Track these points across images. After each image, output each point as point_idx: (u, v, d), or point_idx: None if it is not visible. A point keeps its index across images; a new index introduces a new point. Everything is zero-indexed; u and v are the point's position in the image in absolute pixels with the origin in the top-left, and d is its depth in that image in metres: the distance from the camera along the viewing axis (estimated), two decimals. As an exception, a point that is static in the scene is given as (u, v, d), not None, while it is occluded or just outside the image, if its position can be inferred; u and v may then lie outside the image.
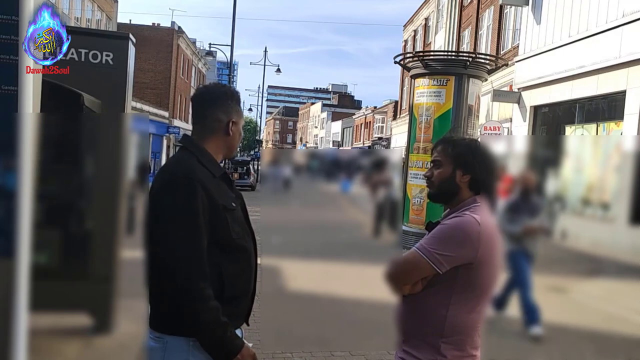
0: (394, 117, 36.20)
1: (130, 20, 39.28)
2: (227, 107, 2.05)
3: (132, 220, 2.14)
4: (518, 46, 14.73)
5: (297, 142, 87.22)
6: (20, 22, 2.16)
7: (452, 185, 2.01)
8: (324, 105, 71.95)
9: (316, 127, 71.74)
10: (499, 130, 14.14)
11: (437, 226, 1.97)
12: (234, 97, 2.09)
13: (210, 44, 55.96)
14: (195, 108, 2.09)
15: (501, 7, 17.14)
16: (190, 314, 1.81)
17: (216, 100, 2.06)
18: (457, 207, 1.99)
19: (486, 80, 11.39)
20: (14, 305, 2.01)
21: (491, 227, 1.93)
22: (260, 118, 61.61)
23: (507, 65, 12.94)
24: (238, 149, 2.22)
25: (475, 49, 19.59)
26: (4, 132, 2.05)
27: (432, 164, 2.08)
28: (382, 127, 41.47)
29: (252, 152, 55.11)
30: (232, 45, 26.52)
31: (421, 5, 29.95)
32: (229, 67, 32.26)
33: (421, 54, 12.57)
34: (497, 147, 2.28)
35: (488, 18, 19.20)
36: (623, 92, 9.64)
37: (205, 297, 1.82)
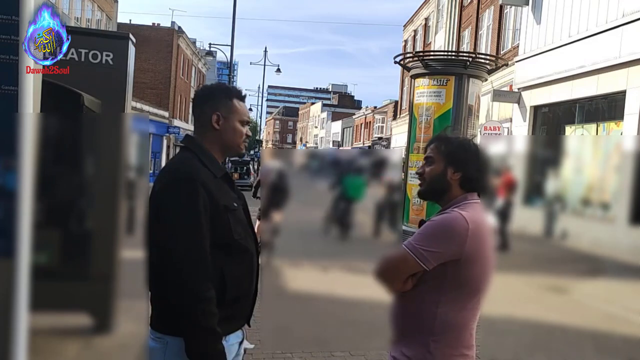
0: (394, 117, 36.18)
1: (130, 20, 39.30)
2: (215, 101, 2.03)
3: (132, 220, 2.14)
4: (518, 46, 14.72)
5: (297, 142, 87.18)
6: (20, 22, 2.16)
7: (442, 183, 2.01)
8: (324, 105, 71.91)
9: (316, 127, 71.70)
10: (499, 130, 14.14)
11: (425, 223, 1.97)
12: (225, 91, 2.06)
13: (210, 44, 55.96)
14: (192, 108, 2.10)
15: (501, 7, 17.13)
16: (189, 314, 1.80)
17: (205, 96, 2.07)
18: (448, 205, 1.99)
19: (486, 80, 11.38)
20: (14, 305, 2.01)
21: (481, 225, 1.92)
22: (260, 118, 61.63)
23: (507, 65, 12.93)
24: (244, 148, 2.16)
25: (475, 49, 19.58)
26: (4, 132, 2.05)
27: (424, 161, 2.08)
28: (382, 127, 41.46)
29: (252, 152, 55.08)
30: (232, 45, 26.51)
31: (421, 5, 29.93)
32: (229, 67, 32.25)
33: (421, 54, 12.56)
34: (497, 147, 2.27)
35: (488, 18, 19.20)
36: (623, 92, 9.64)
37: (208, 299, 1.81)
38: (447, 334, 1.90)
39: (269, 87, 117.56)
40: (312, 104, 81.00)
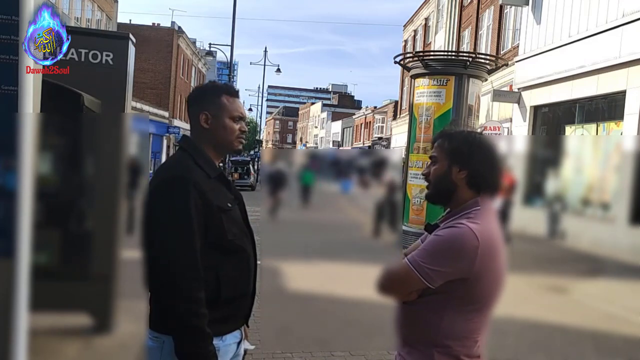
0: (394, 117, 36.18)
1: (130, 20, 39.32)
2: (203, 100, 2.03)
3: (132, 220, 2.14)
4: (518, 46, 14.73)
5: (297, 142, 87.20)
6: (20, 22, 2.16)
7: (448, 184, 1.83)
8: (324, 105, 71.96)
9: (316, 127, 71.72)
10: (499, 130, 14.14)
11: (431, 236, 1.83)
12: (212, 89, 2.05)
13: (210, 44, 55.93)
14: (187, 110, 2.11)
15: (501, 7, 17.13)
16: (177, 314, 1.80)
17: (195, 97, 2.07)
18: (458, 209, 1.84)
19: (486, 80, 11.37)
20: (14, 305, 2.01)
21: (491, 236, 1.76)
22: (260, 118, 61.65)
23: (507, 65, 12.92)
24: (241, 146, 2.12)
25: (475, 49, 19.58)
26: (4, 132, 2.05)
27: (430, 160, 1.93)
28: (382, 127, 41.46)
29: (252, 152, 55.08)
30: (232, 45, 26.49)
31: (421, 5, 29.94)
32: (229, 67, 32.25)
33: (421, 54, 12.56)
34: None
35: (488, 18, 19.20)
36: (623, 92, 9.64)
37: (197, 300, 1.81)
38: (452, 344, 1.79)
39: (269, 87, 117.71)
40: (312, 104, 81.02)
